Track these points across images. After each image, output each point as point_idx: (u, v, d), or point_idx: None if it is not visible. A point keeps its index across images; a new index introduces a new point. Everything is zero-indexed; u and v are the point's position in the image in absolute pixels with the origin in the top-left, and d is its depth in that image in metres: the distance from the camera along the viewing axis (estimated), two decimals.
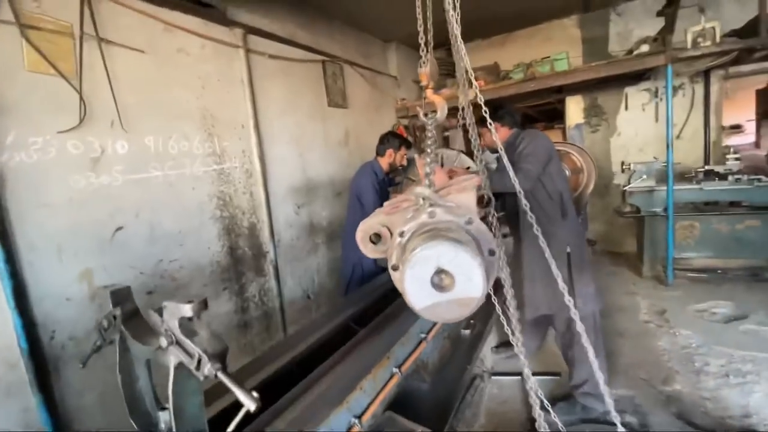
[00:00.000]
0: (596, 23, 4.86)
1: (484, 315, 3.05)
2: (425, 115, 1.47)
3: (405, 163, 2.89)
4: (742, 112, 8.35)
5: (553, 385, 2.52)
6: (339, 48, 3.87)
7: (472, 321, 2.86)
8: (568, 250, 2.15)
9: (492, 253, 0.93)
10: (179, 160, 2.36)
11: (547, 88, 4.35)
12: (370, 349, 1.72)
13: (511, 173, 2.02)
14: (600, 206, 5.16)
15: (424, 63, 1.60)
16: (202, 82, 2.52)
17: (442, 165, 2.94)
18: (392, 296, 2.47)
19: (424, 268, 0.80)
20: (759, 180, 3.52)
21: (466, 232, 0.92)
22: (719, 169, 3.84)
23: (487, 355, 3.00)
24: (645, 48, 3.58)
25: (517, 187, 2.07)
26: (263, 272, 2.91)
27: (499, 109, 2.35)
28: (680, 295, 3.57)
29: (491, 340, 3.09)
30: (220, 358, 0.80)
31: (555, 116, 5.50)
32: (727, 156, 3.92)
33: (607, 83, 4.71)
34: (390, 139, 2.82)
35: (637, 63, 3.64)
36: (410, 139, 5.02)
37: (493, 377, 2.77)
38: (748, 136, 7.29)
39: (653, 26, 4.09)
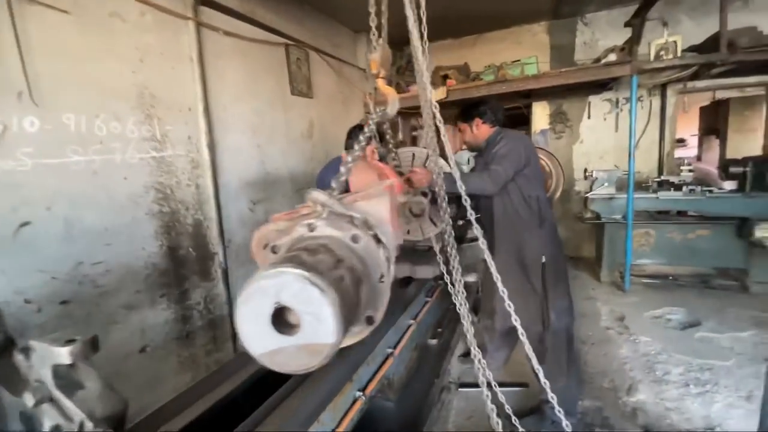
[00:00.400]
0: (564, 31, 4.91)
1: (452, 322, 2.92)
2: (367, 112, 1.30)
3: (376, 158, 2.68)
4: (687, 127, 8.95)
5: (521, 397, 2.42)
6: (306, 33, 3.58)
7: (439, 329, 2.71)
8: (544, 260, 2.03)
9: (382, 279, 0.74)
10: (108, 144, 2.00)
11: (515, 92, 4.32)
12: (331, 370, 1.50)
13: (456, 177, 1.84)
14: (561, 211, 5.24)
15: (374, 48, 1.41)
16: (141, 54, 2.16)
17: (411, 164, 2.76)
18: None
19: (261, 303, 0.60)
20: (711, 191, 3.68)
21: (350, 251, 0.72)
22: (674, 179, 3.98)
23: (454, 364, 2.87)
24: (612, 57, 3.62)
25: (476, 189, 1.87)
26: (210, 276, 2.58)
27: (481, 104, 2.22)
28: (637, 301, 3.65)
29: (459, 347, 2.96)
30: (113, 423, 0.56)
31: (520, 121, 5.55)
32: (682, 167, 4.07)
33: (573, 91, 4.78)
34: (358, 133, 2.61)
35: (604, 71, 3.67)
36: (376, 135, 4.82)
37: (460, 389, 2.63)
38: (691, 150, 7.79)
39: (617, 38, 4.17)
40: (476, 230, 1.73)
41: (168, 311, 2.30)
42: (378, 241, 0.79)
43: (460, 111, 2.27)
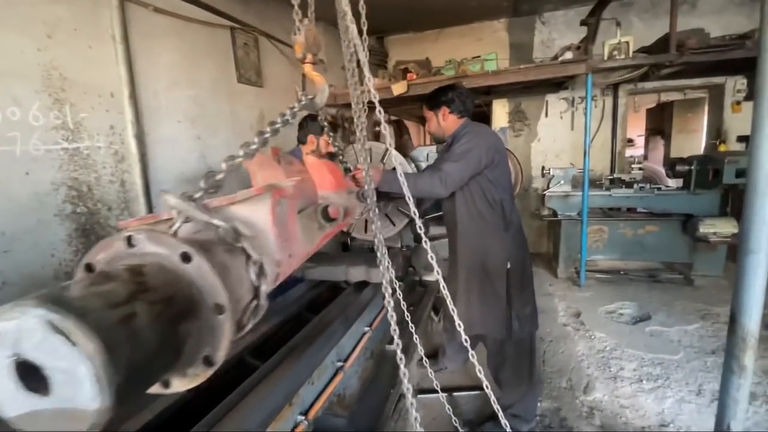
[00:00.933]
0: (523, 29, 4.94)
1: (411, 325, 2.80)
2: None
3: (332, 149, 2.49)
4: (633, 128, 9.42)
5: (480, 402, 2.34)
6: (254, 17, 3.31)
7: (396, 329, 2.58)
8: (509, 266, 1.91)
9: (220, 310, 0.58)
10: (4, 133, 1.68)
11: (475, 89, 4.28)
12: (268, 392, 1.31)
13: (400, 176, 1.68)
14: (520, 208, 5.28)
15: (298, 29, 1.24)
16: (49, 29, 1.84)
17: (370, 159, 2.61)
18: (306, 316, 2.07)
19: None
20: (659, 189, 3.81)
21: (177, 275, 0.56)
22: (625, 177, 4.10)
23: (412, 370, 2.75)
24: (568, 55, 3.64)
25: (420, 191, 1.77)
26: None
27: (450, 90, 1.97)
28: (592, 296, 3.72)
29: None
30: None
31: (480, 119, 5.56)
32: (633, 166, 4.21)
33: (531, 89, 4.81)
34: (310, 124, 2.42)
35: (561, 69, 3.69)
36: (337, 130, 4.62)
37: (419, 395, 2.52)
38: (638, 149, 8.21)
39: (574, 38, 4.22)
40: (419, 229, 1.61)
41: None
42: (247, 256, 0.62)
43: (427, 96, 2.05)
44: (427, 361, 1.51)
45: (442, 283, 1.23)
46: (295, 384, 1.41)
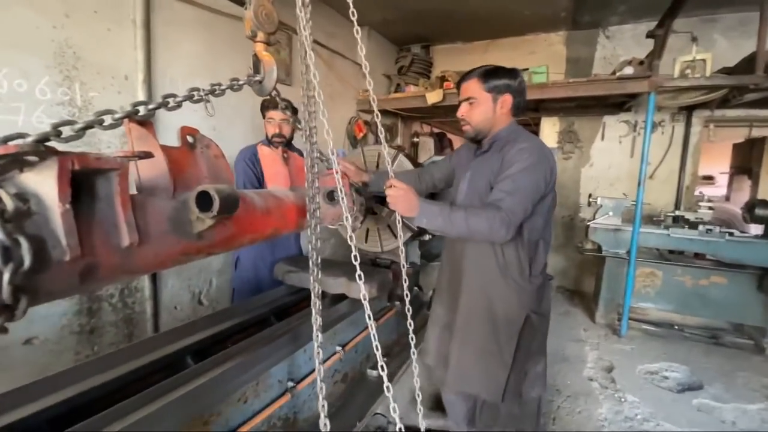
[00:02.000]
0: (583, 43, 4.51)
1: (405, 350, 2.53)
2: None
3: (277, 130, 2.31)
4: (716, 163, 8.29)
5: None
6: (290, 16, 3.31)
7: (386, 358, 2.33)
8: (522, 323, 1.49)
9: None
10: (8, 102, 1.74)
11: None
12: (182, 400, 1.15)
13: (446, 213, 1.36)
14: (563, 239, 4.79)
15: (249, 3, 1.10)
16: (67, 8, 1.91)
17: (377, 166, 2.42)
18: (272, 322, 1.91)
19: None
20: (731, 234, 3.18)
21: None
22: (690, 216, 3.51)
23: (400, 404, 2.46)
24: (629, 70, 3.20)
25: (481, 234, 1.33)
26: None
27: (516, 74, 1.49)
28: (632, 350, 3.17)
29: (405, 387, 2.56)
30: None
31: None
32: (700, 204, 3.59)
33: (587, 109, 4.37)
34: (262, 108, 2.36)
35: (619, 86, 3.26)
36: (371, 135, 4.51)
37: None
38: (720, 189, 7.16)
39: (642, 55, 3.74)
40: (399, 239, 1.36)
41: (68, 301, 2.02)
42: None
43: (484, 71, 1.47)
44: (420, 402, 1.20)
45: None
46: (217, 398, 1.25)
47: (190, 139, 1.02)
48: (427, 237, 2.70)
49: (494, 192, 1.38)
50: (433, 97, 3.81)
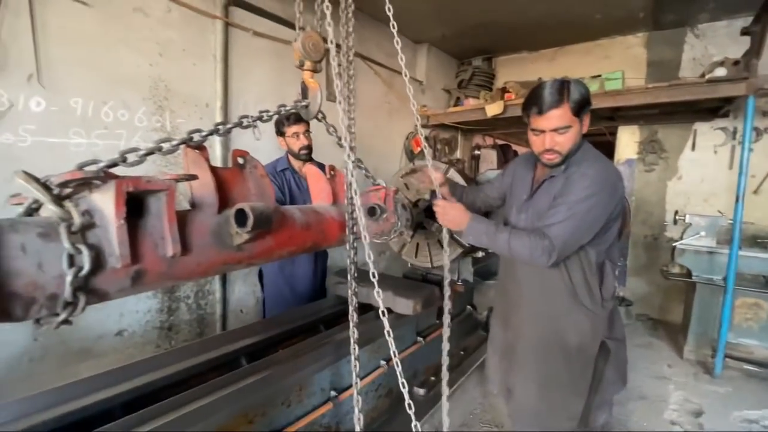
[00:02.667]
0: (667, 44, 4.07)
1: (453, 369, 2.46)
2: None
3: (305, 142, 2.26)
4: None
5: None
6: (354, 40, 3.50)
7: (432, 378, 2.29)
8: (596, 349, 1.40)
9: None
10: (113, 129, 2.09)
11: (595, 111, 3.67)
12: (226, 400, 1.25)
13: (492, 231, 1.37)
14: (645, 260, 4.29)
15: (297, 35, 1.18)
16: (161, 49, 2.25)
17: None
18: (320, 330, 1.98)
19: None
20: None
21: None
22: None
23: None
24: (721, 72, 2.82)
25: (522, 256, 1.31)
26: None
27: (582, 86, 1.31)
28: (727, 393, 2.71)
29: (454, 409, 2.48)
30: None
31: (601, 147, 4.75)
32: None
33: (673, 116, 3.92)
34: (276, 125, 2.26)
35: (709, 90, 2.89)
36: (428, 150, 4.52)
37: None
38: None
39: (739, 54, 3.28)
40: (444, 255, 1.33)
41: (153, 300, 2.31)
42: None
43: (573, 98, 1.28)
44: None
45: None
46: (262, 399, 1.33)
47: (240, 160, 1.13)
48: (480, 254, 2.61)
49: (548, 215, 1.33)
50: (493, 109, 3.72)
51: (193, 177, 0.88)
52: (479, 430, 2.33)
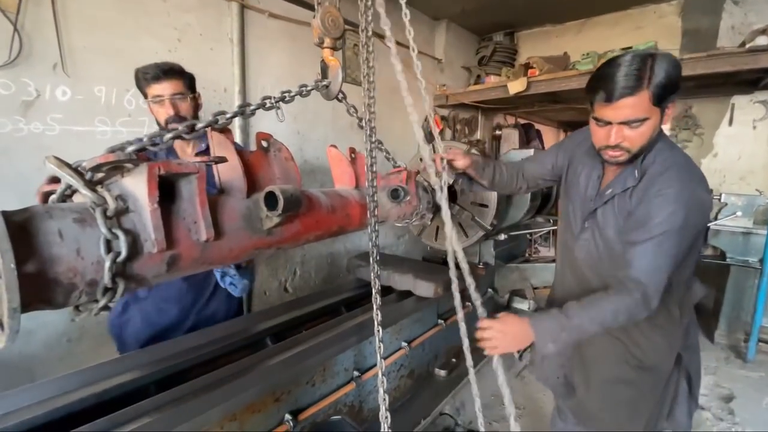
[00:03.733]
0: (704, 12, 3.80)
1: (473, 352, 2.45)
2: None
3: (171, 111, 1.58)
4: None
5: None
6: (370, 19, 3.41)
7: (454, 360, 2.29)
8: (677, 354, 1.30)
9: None
10: (136, 117, 2.11)
11: None
12: (255, 379, 1.28)
13: (587, 309, 1.14)
14: None
15: (317, 11, 1.14)
16: (179, 34, 2.24)
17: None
18: (342, 312, 2.00)
19: None
20: None
21: None
22: None
23: (467, 406, 2.40)
24: (763, 41, 2.62)
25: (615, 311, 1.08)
26: None
27: (667, 63, 1.00)
28: (760, 379, 2.64)
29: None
30: None
31: None
32: None
33: (709, 89, 3.69)
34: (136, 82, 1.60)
35: (750, 60, 2.69)
36: (449, 131, 4.43)
37: None
38: None
39: None
40: (450, 241, 1.24)
41: None
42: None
43: (657, 81, 1.00)
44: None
45: None
46: (288, 378, 1.36)
47: (264, 143, 1.12)
48: (502, 237, 2.57)
49: (628, 254, 1.10)
50: (516, 86, 3.59)
51: (223, 159, 0.87)
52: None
